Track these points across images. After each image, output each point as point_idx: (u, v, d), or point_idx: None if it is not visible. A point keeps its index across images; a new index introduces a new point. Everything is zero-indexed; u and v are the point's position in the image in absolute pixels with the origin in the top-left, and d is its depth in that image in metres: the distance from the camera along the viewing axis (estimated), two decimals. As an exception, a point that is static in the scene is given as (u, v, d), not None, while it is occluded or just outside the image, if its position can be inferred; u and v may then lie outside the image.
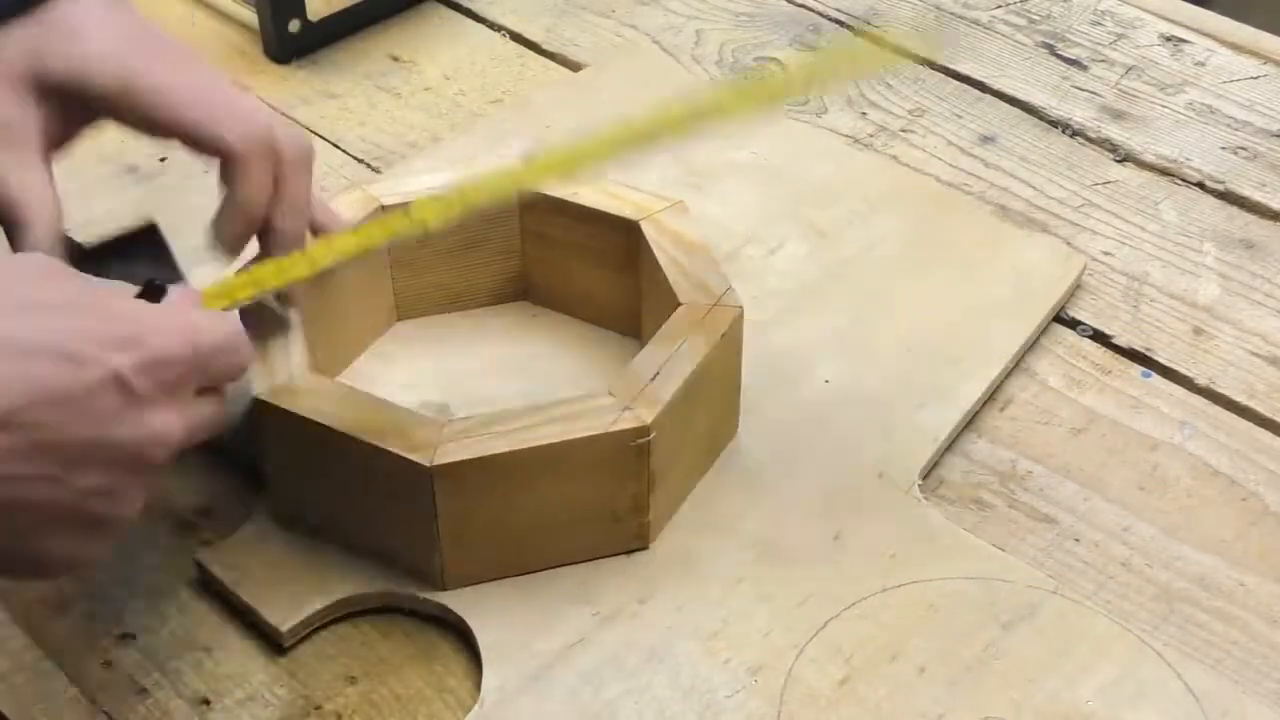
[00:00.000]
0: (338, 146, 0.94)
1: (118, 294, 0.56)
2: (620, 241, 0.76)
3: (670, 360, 0.68)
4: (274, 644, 0.67)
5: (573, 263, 0.79)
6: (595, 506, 0.67)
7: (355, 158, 0.93)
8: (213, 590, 0.68)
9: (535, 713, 0.63)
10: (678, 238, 0.74)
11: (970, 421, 0.77)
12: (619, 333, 0.79)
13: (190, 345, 0.55)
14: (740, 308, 0.70)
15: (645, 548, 0.69)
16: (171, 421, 0.54)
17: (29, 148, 0.63)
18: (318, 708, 0.65)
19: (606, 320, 0.80)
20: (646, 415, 0.65)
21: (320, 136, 0.95)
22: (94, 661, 0.66)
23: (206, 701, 0.65)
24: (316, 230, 0.68)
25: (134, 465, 0.54)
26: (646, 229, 0.75)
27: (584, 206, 0.77)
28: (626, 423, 0.65)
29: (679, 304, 0.70)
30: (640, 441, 0.65)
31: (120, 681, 0.66)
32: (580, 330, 0.80)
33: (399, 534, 0.67)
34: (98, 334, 0.53)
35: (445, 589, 0.67)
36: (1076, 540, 0.72)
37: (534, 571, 0.68)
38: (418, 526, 0.66)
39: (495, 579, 0.68)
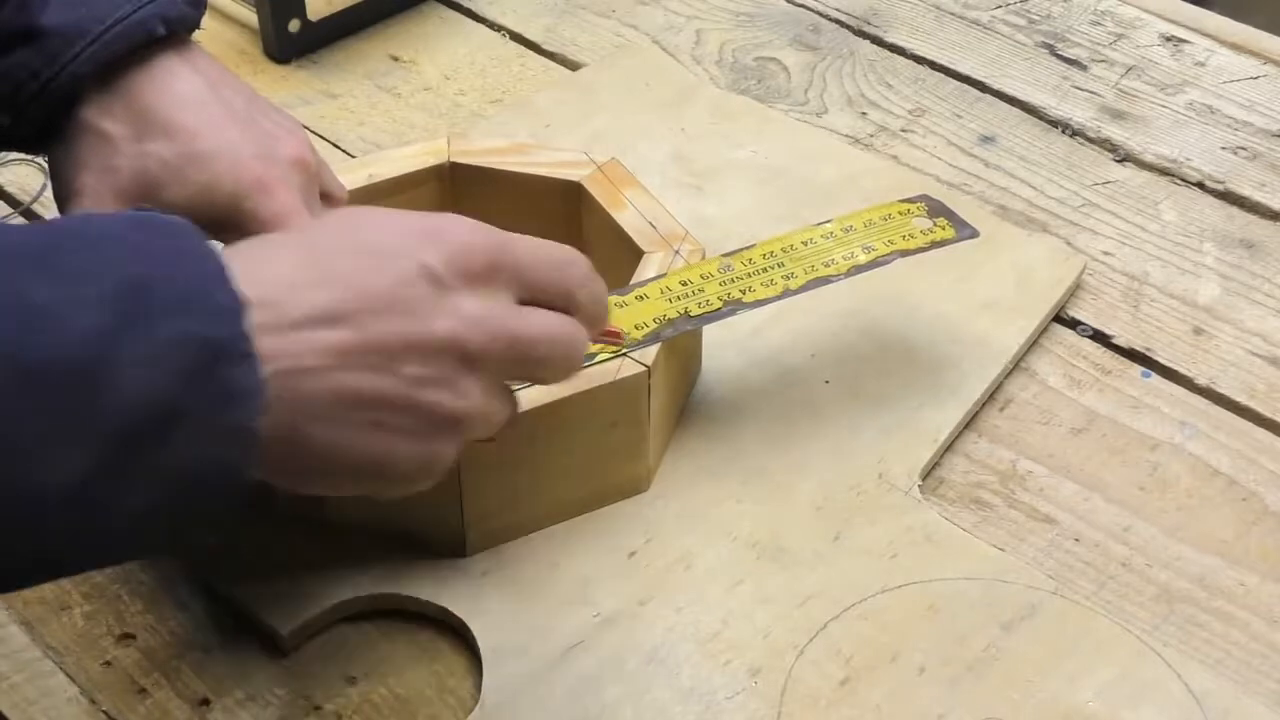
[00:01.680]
0: (338, 146, 0.94)
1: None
2: (559, 205, 0.77)
3: None
4: (274, 644, 0.67)
5: (511, 230, 0.79)
6: (604, 454, 0.69)
7: (355, 158, 0.93)
8: (213, 590, 0.68)
9: (535, 714, 0.63)
10: (622, 192, 0.76)
11: (970, 421, 0.77)
12: None
13: (495, 244, 0.56)
14: (702, 247, 0.73)
15: (647, 489, 0.72)
16: (480, 309, 0.54)
17: None
18: (318, 708, 0.65)
19: None
20: (645, 358, 0.67)
21: (320, 136, 0.95)
22: (94, 661, 0.66)
23: (206, 701, 0.65)
24: (325, 198, 0.69)
25: (453, 353, 0.53)
26: (590, 188, 0.76)
27: (520, 174, 0.77)
28: (630, 369, 0.67)
29: (640, 254, 0.72)
30: (642, 387, 0.68)
31: (120, 681, 0.66)
32: None
33: (421, 506, 0.67)
34: (403, 229, 0.54)
35: (466, 555, 0.68)
36: (1076, 540, 0.72)
37: (550, 525, 0.70)
38: (442, 496, 0.66)
39: (514, 539, 0.69)
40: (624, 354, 0.67)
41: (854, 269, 0.72)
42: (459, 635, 0.67)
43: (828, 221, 0.74)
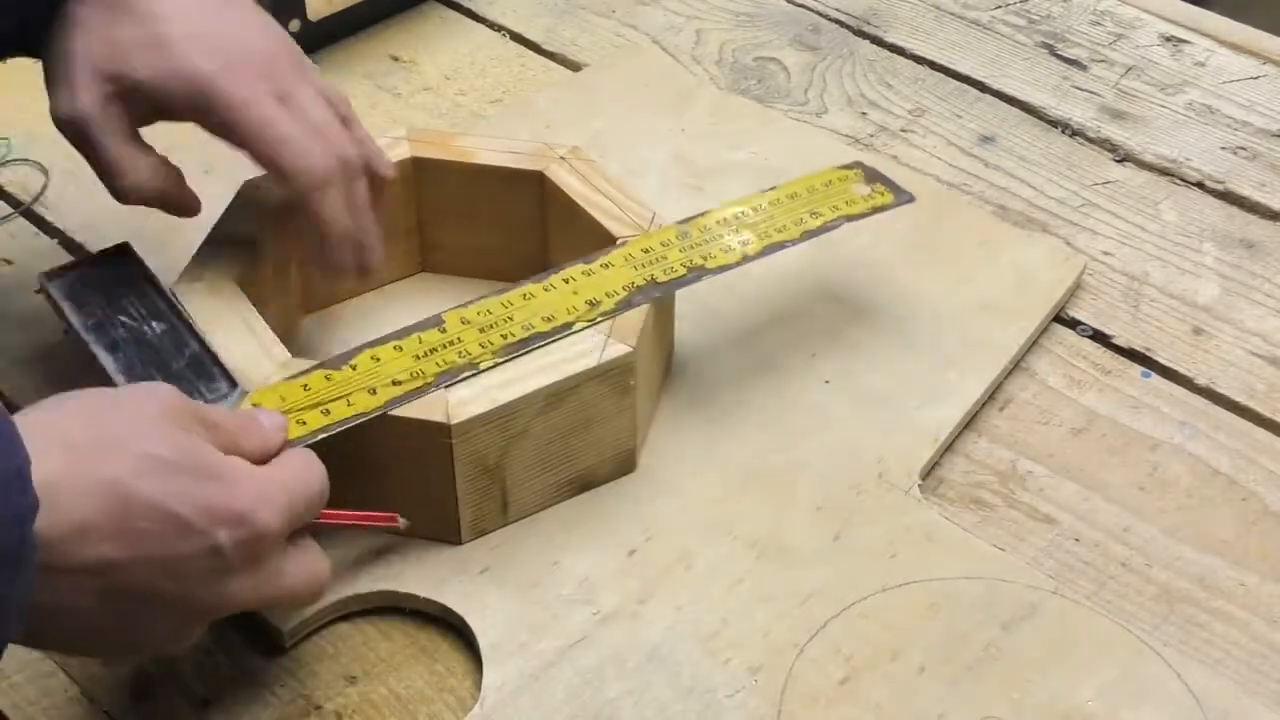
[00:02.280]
0: (338, 146, 0.94)
1: (229, 459, 0.59)
2: (524, 194, 0.78)
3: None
4: (274, 644, 0.67)
5: (473, 224, 0.80)
6: (592, 436, 0.69)
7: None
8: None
9: (535, 713, 0.63)
10: (586, 179, 0.77)
11: (970, 421, 0.77)
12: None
13: (288, 519, 0.59)
14: (674, 229, 0.74)
15: (634, 469, 0.73)
16: (247, 588, 0.58)
17: (112, 134, 0.68)
18: (318, 708, 0.65)
19: (513, 275, 0.81)
20: (630, 340, 0.68)
21: (320, 136, 0.95)
22: (94, 661, 0.66)
23: (206, 702, 0.65)
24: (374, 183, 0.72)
25: (200, 618, 0.58)
26: (553, 176, 0.77)
27: (482, 165, 0.78)
28: (614, 352, 0.68)
29: (608, 237, 0.74)
30: (627, 369, 0.69)
31: (120, 681, 0.66)
32: (492, 287, 0.81)
33: (416, 496, 0.67)
34: (209, 505, 0.56)
35: (462, 543, 0.69)
36: (1076, 540, 0.72)
37: (542, 510, 0.71)
38: (436, 485, 0.67)
39: (509, 524, 0.70)
40: (595, 322, 0.69)
41: (806, 234, 0.75)
42: (459, 633, 0.67)
43: (772, 189, 0.77)
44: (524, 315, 0.69)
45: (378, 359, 0.67)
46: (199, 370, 0.67)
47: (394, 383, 0.66)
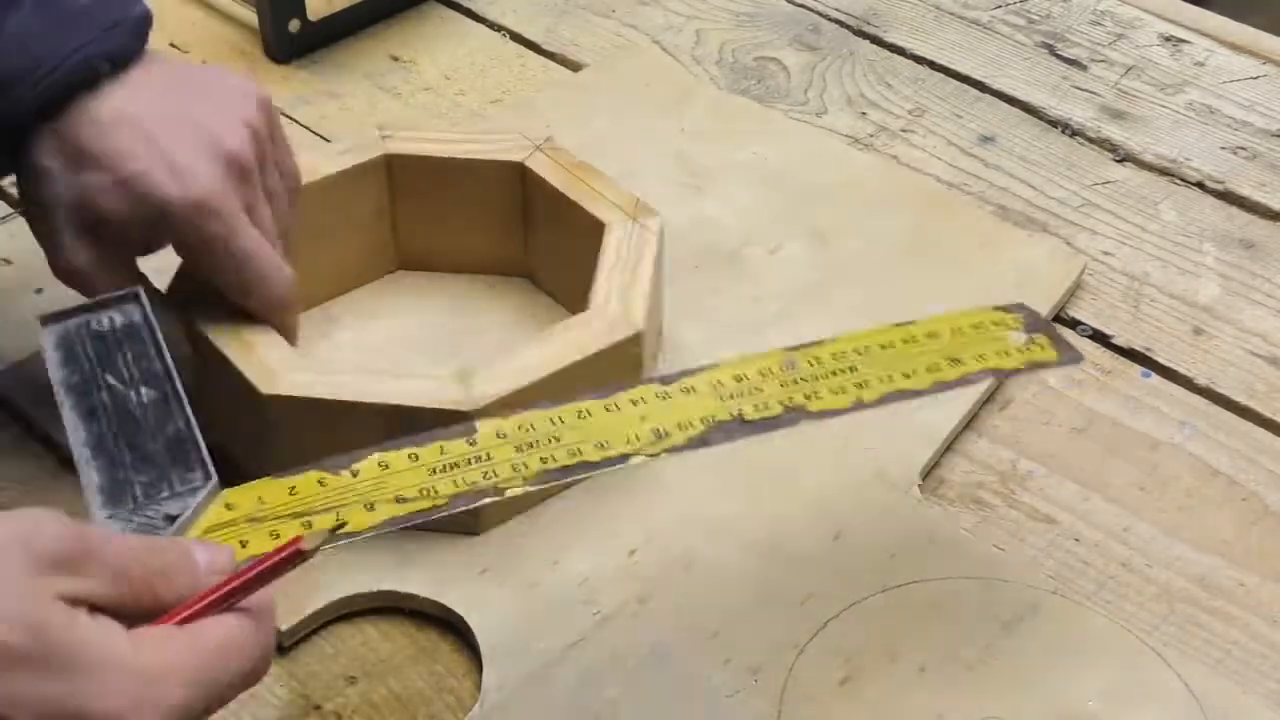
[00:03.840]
0: (338, 146, 0.94)
1: (107, 640, 0.45)
2: (503, 188, 0.78)
3: (626, 271, 0.72)
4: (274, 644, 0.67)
5: (450, 218, 0.80)
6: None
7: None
8: (213, 590, 0.68)
9: (535, 713, 0.63)
10: (565, 168, 0.77)
11: (970, 421, 0.77)
12: (505, 275, 0.82)
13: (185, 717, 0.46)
14: (660, 217, 0.75)
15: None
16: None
17: (116, 281, 0.67)
18: (318, 708, 0.65)
19: (491, 268, 0.82)
20: (638, 319, 0.69)
21: (321, 137, 0.95)
22: (94, 661, 0.66)
23: (206, 701, 0.65)
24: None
25: None
26: (534, 166, 0.77)
27: (459, 159, 0.78)
28: (622, 330, 0.69)
29: (596, 224, 0.74)
30: (635, 350, 0.69)
31: (120, 681, 0.66)
32: (471, 282, 0.82)
33: None
34: (54, 711, 0.43)
35: (478, 533, 0.69)
36: (1076, 540, 0.72)
37: (557, 493, 0.71)
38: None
39: (522, 512, 0.70)
40: (655, 457, 0.59)
41: (938, 384, 0.63)
42: (459, 634, 0.67)
43: (910, 323, 0.65)
44: (574, 437, 0.58)
45: (386, 466, 0.56)
46: (177, 454, 0.58)
47: (398, 500, 0.56)
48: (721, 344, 0.79)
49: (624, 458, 0.58)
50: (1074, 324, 0.83)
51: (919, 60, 1.02)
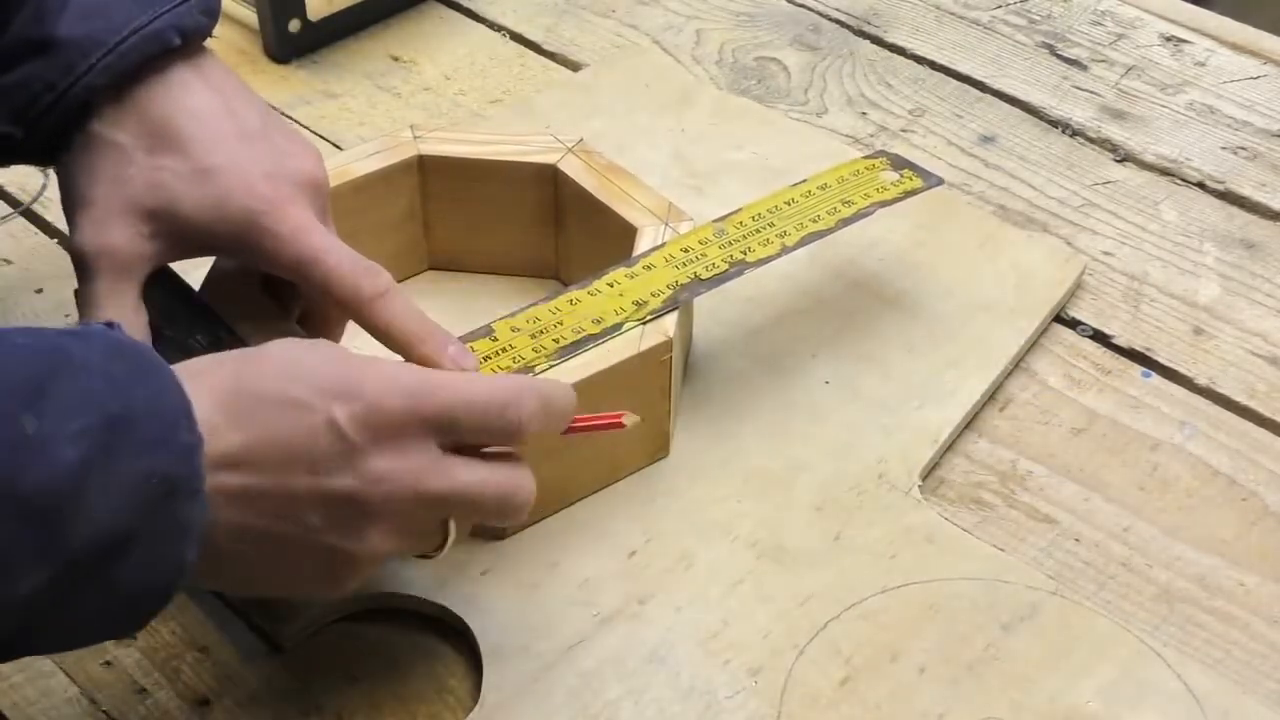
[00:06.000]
0: (338, 147, 0.94)
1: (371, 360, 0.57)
2: (534, 189, 0.78)
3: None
4: (274, 644, 0.67)
5: (481, 219, 0.80)
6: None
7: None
8: (213, 590, 0.68)
9: (535, 713, 0.63)
10: (598, 171, 0.77)
11: (970, 421, 0.77)
12: (536, 277, 0.82)
13: (412, 399, 0.56)
14: (690, 217, 0.75)
15: (668, 454, 0.73)
16: (383, 468, 0.55)
17: (128, 278, 0.64)
18: (318, 707, 0.65)
19: (521, 269, 0.82)
20: (668, 328, 0.69)
21: (320, 137, 0.95)
22: (94, 661, 0.66)
23: (206, 701, 0.65)
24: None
25: (351, 507, 0.55)
26: (567, 169, 0.77)
27: (491, 161, 0.78)
28: (652, 339, 0.69)
29: (627, 228, 0.74)
30: (665, 357, 0.69)
31: (120, 681, 0.66)
32: (501, 283, 0.82)
33: None
34: (321, 381, 0.55)
35: (503, 538, 0.69)
36: (1076, 540, 0.72)
37: (582, 499, 0.71)
38: None
39: (550, 514, 0.70)
40: (645, 322, 0.69)
41: (841, 221, 0.75)
42: (459, 635, 0.67)
43: (803, 181, 0.77)
44: (573, 320, 0.68)
45: None
46: None
47: None
48: (721, 345, 0.79)
49: (617, 326, 0.69)
50: (1074, 324, 0.83)
51: (919, 60, 1.02)
